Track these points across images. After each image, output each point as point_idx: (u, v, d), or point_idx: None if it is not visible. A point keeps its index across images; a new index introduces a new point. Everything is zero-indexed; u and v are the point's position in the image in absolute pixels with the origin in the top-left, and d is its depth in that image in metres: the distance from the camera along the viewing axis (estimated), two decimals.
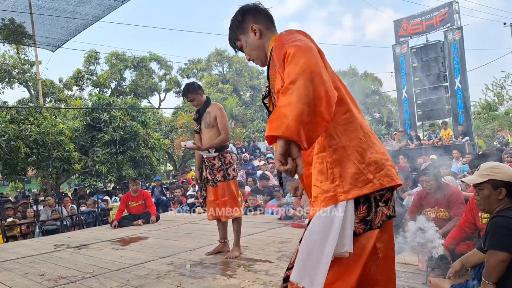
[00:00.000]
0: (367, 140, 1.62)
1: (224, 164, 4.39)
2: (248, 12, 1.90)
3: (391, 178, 1.61)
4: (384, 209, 1.61)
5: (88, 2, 9.70)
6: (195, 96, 4.47)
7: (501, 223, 2.21)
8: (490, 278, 2.21)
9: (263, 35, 1.87)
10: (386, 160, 1.64)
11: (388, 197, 1.63)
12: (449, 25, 15.65)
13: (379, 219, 1.59)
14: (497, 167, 2.38)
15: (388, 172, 1.61)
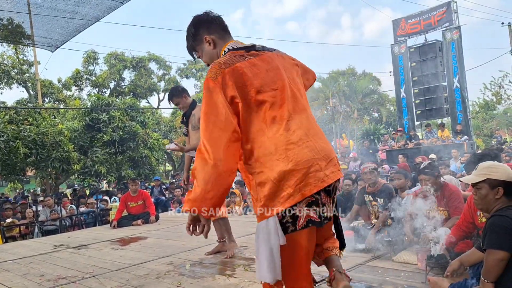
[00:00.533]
0: (287, 155, 1.76)
1: None
2: (200, 24, 2.03)
3: (313, 185, 1.76)
4: (307, 211, 1.79)
5: (88, 2, 9.69)
6: (180, 99, 4.44)
7: (499, 222, 2.22)
8: (489, 277, 2.22)
9: (217, 44, 2.01)
10: (310, 167, 1.77)
11: (312, 200, 1.79)
12: (447, 25, 15.68)
13: (302, 221, 1.78)
14: (494, 167, 2.39)
15: (310, 180, 1.76)
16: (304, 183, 1.74)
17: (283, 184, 1.74)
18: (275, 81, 1.86)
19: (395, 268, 3.51)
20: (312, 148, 1.80)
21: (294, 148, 1.76)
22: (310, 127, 1.87)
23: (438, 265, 3.09)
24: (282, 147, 1.76)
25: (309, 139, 1.82)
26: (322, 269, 3.63)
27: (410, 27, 16.68)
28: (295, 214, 1.77)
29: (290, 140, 1.78)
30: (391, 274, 3.33)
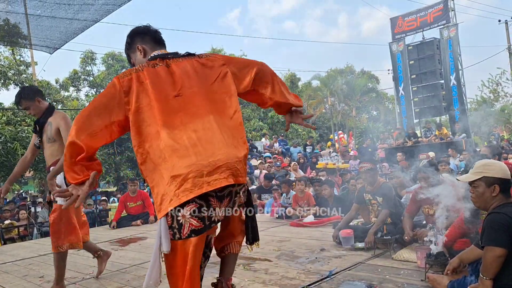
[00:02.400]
0: (171, 160, 1.83)
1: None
2: (136, 35, 2.21)
3: (189, 191, 1.81)
4: (192, 220, 1.85)
5: (87, 9, 9.70)
6: (31, 103, 3.64)
7: (496, 219, 2.23)
8: (487, 274, 2.23)
9: (147, 54, 2.16)
10: (189, 173, 1.81)
11: (194, 207, 1.84)
12: (444, 23, 15.71)
13: (186, 230, 1.86)
14: (490, 164, 2.40)
15: (187, 186, 1.81)
16: (182, 189, 1.80)
17: (167, 189, 1.82)
18: (180, 87, 1.96)
19: (395, 266, 3.52)
20: (199, 154, 1.84)
21: (178, 156, 1.82)
22: (209, 133, 1.90)
23: (437, 262, 3.10)
24: (168, 153, 1.82)
25: (201, 145, 1.86)
26: (323, 267, 3.64)
27: (406, 24, 16.72)
28: (180, 222, 1.85)
29: (175, 146, 1.83)
30: (391, 272, 3.34)
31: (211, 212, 1.90)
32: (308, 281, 3.28)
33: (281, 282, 3.33)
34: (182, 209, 1.83)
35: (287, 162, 13.25)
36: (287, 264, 3.91)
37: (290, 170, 11.85)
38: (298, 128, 26.03)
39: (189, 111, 1.93)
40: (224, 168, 1.87)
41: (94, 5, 9.36)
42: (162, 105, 1.89)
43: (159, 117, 1.87)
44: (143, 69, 1.97)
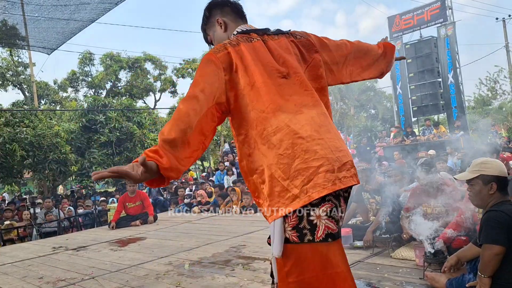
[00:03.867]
0: (293, 150, 1.55)
1: None
2: (214, 7, 1.94)
3: (323, 187, 1.51)
4: (328, 222, 1.54)
5: (83, 8, 9.69)
6: None
7: (493, 217, 2.24)
8: (486, 271, 2.24)
9: (228, 27, 1.89)
10: (320, 166, 1.53)
11: (331, 207, 1.55)
12: (441, 21, 15.73)
13: (321, 232, 1.53)
14: (486, 163, 2.41)
15: (319, 181, 1.52)
16: (312, 184, 1.51)
17: (288, 184, 1.52)
18: (284, 67, 1.70)
19: (393, 264, 3.53)
20: (324, 146, 1.57)
21: (303, 144, 1.55)
22: (322, 124, 1.64)
23: (435, 261, 3.11)
24: (288, 141, 1.55)
25: (321, 136, 1.59)
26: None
27: (403, 22, 16.73)
28: (314, 222, 1.53)
29: (299, 133, 1.56)
30: (390, 271, 3.35)
31: (341, 216, 1.60)
32: None
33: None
34: (317, 208, 1.52)
35: None
36: None
37: None
38: None
39: (301, 96, 1.67)
40: (349, 165, 1.60)
41: (90, 4, 9.36)
42: (270, 86, 1.63)
43: (268, 99, 1.61)
44: (238, 43, 1.69)
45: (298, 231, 1.53)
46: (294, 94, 1.66)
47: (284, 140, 1.55)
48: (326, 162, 1.54)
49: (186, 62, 31.90)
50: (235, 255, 4.45)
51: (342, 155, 1.60)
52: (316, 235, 1.53)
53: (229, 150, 16.24)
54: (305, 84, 1.72)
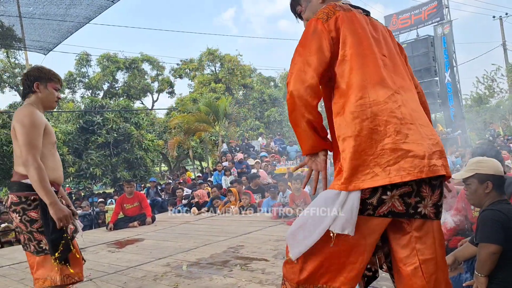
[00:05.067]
0: (386, 128, 1.52)
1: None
2: None
3: (407, 172, 1.48)
4: (397, 202, 1.52)
5: (79, 3, 9.65)
6: None
7: (490, 216, 2.25)
8: (482, 271, 2.24)
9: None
10: (409, 150, 1.50)
11: (408, 191, 1.52)
12: (438, 20, 15.77)
13: (385, 208, 1.53)
14: (482, 161, 2.42)
15: (405, 165, 1.48)
16: (397, 167, 1.48)
17: (370, 160, 1.49)
18: (385, 47, 1.70)
19: None
20: (416, 131, 1.54)
21: (396, 124, 1.52)
22: (416, 109, 1.62)
23: None
24: (383, 117, 1.52)
25: (413, 121, 1.56)
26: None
27: (400, 22, 16.78)
28: (384, 200, 1.51)
29: (395, 113, 1.53)
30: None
31: (419, 201, 1.56)
32: None
33: (278, 282, 3.34)
34: (395, 189, 1.49)
35: (284, 160, 13.28)
36: None
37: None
38: None
39: (399, 77, 1.66)
40: (439, 154, 1.57)
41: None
42: (375, 59, 1.61)
43: (373, 70, 1.58)
44: (347, 10, 1.67)
45: (362, 204, 1.51)
46: (394, 74, 1.65)
47: (379, 115, 1.53)
48: (417, 148, 1.51)
49: (184, 62, 31.91)
50: (233, 255, 4.45)
51: (433, 143, 1.57)
52: (378, 211, 1.53)
53: (227, 151, 16.25)
54: (402, 67, 1.73)
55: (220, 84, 29.17)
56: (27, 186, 2.38)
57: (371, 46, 1.63)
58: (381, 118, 1.52)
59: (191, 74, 31.75)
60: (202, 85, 29.20)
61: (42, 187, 2.31)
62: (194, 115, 18.84)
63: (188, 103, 24.57)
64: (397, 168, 1.47)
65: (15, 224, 2.46)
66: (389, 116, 1.53)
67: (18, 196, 2.42)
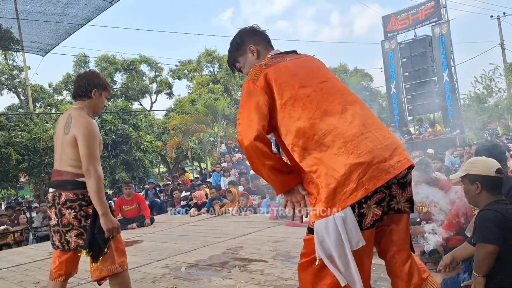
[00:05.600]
0: (346, 148, 1.66)
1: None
2: (246, 35, 2.07)
3: (377, 178, 1.63)
4: (376, 210, 1.67)
5: (76, 2, 9.62)
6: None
7: (487, 216, 2.25)
8: (480, 271, 2.24)
9: (260, 55, 2.03)
10: (373, 158, 1.64)
11: (381, 197, 1.68)
12: (436, 20, 15.78)
13: (369, 220, 1.67)
14: (474, 162, 2.42)
15: (373, 173, 1.63)
16: (368, 177, 1.61)
17: (344, 180, 1.62)
18: (319, 76, 1.86)
19: None
20: (373, 138, 1.69)
21: (353, 140, 1.67)
22: (367, 117, 1.78)
23: (431, 260, 3.12)
24: (339, 141, 1.67)
25: (368, 129, 1.71)
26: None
27: (399, 22, 16.78)
28: (363, 212, 1.65)
29: (348, 132, 1.68)
30: (385, 271, 3.35)
31: (391, 200, 1.77)
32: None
33: (277, 283, 3.34)
34: (370, 200, 1.64)
35: None
36: (282, 264, 3.92)
37: None
38: None
39: (342, 94, 1.82)
40: (400, 149, 1.74)
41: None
42: (312, 95, 1.76)
43: (314, 106, 1.74)
44: (275, 63, 1.85)
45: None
46: (336, 94, 1.81)
47: (335, 140, 1.68)
48: (378, 153, 1.66)
49: (182, 63, 31.89)
50: (232, 257, 4.45)
51: (390, 142, 1.73)
52: (364, 223, 1.66)
53: (226, 151, 16.24)
54: (341, 85, 1.90)
55: (218, 85, 29.15)
56: (84, 183, 2.53)
57: (305, 84, 1.79)
58: (339, 141, 1.67)
59: (190, 75, 31.74)
60: (200, 86, 29.19)
61: (98, 197, 2.48)
62: (192, 116, 18.84)
63: (187, 104, 24.56)
64: (368, 178, 1.62)
65: (65, 220, 2.54)
66: (345, 137, 1.67)
67: (75, 193, 2.54)
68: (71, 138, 2.53)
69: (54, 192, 2.58)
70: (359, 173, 1.61)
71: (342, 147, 1.66)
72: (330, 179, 1.64)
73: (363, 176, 1.61)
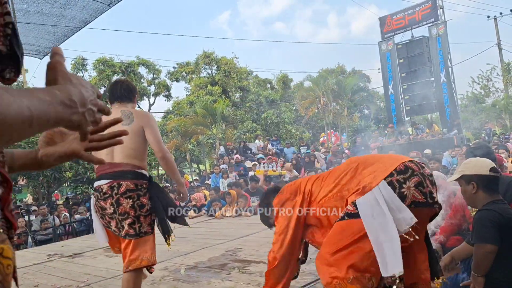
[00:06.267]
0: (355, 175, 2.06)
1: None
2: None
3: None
4: (415, 192, 1.93)
5: (74, 3, 9.61)
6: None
7: (485, 216, 2.26)
8: (479, 271, 2.25)
9: None
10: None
11: (418, 180, 1.95)
12: (433, 20, 15.82)
13: (408, 201, 1.91)
14: (468, 162, 2.44)
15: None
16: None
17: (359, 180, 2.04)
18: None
19: None
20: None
21: (359, 170, 2.14)
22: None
23: None
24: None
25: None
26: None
27: (395, 23, 16.81)
28: (404, 193, 1.88)
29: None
30: None
31: (431, 189, 1.96)
32: (303, 282, 3.29)
33: None
34: (408, 180, 1.88)
35: (281, 163, 13.27)
36: None
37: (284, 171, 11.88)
38: (292, 128, 26.09)
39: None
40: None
41: (80, 0, 9.27)
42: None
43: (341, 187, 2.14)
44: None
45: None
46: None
47: (345, 180, 2.11)
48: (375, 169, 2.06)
49: (180, 65, 31.87)
50: (231, 258, 4.45)
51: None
52: (404, 203, 1.86)
53: (225, 153, 16.23)
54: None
55: (216, 87, 29.13)
56: (143, 175, 2.73)
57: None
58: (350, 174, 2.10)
59: (188, 77, 31.70)
60: (198, 88, 29.16)
61: (176, 172, 2.91)
62: (191, 118, 18.82)
63: (185, 106, 24.51)
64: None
65: (122, 209, 2.65)
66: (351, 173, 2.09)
67: (135, 183, 2.68)
68: (135, 128, 2.67)
69: (111, 183, 2.65)
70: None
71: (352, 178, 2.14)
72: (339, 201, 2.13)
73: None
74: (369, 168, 2.00)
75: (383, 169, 1.95)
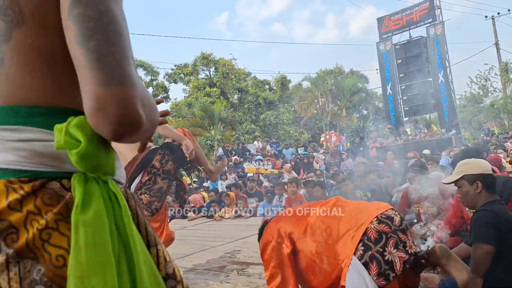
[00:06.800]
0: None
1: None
2: None
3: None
4: (399, 253, 1.92)
5: None
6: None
7: (483, 217, 2.26)
8: (477, 271, 2.25)
9: None
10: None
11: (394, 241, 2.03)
12: (430, 21, 15.86)
13: (399, 265, 1.89)
14: (468, 163, 2.43)
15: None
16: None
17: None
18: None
19: None
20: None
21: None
22: None
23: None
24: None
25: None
26: None
27: (393, 23, 16.86)
28: (388, 259, 1.83)
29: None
30: None
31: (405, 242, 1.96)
32: None
33: None
34: (387, 247, 1.87)
35: (280, 164, 13.27)
36: None
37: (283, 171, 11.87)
38: (290, 129, 26.11)
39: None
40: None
41: None
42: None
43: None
44: None
45: (380, 276, 1.81)
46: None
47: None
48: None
49: (178, 67, 31.88)
50: (230, 260, 4.45)
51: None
52: (396, 269, 1.82)
53: (223, 155, 16.23)
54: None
55: (215, 88, 29.13)
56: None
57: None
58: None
59: (186, 79, 31.70)
60: (196, 89, 29.16)
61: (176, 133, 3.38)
62: (189, 119, 18.82)
63: (183, 107, 24.51)
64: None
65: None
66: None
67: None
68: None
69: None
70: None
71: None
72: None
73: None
74: (344, 237, 1.97)
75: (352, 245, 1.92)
